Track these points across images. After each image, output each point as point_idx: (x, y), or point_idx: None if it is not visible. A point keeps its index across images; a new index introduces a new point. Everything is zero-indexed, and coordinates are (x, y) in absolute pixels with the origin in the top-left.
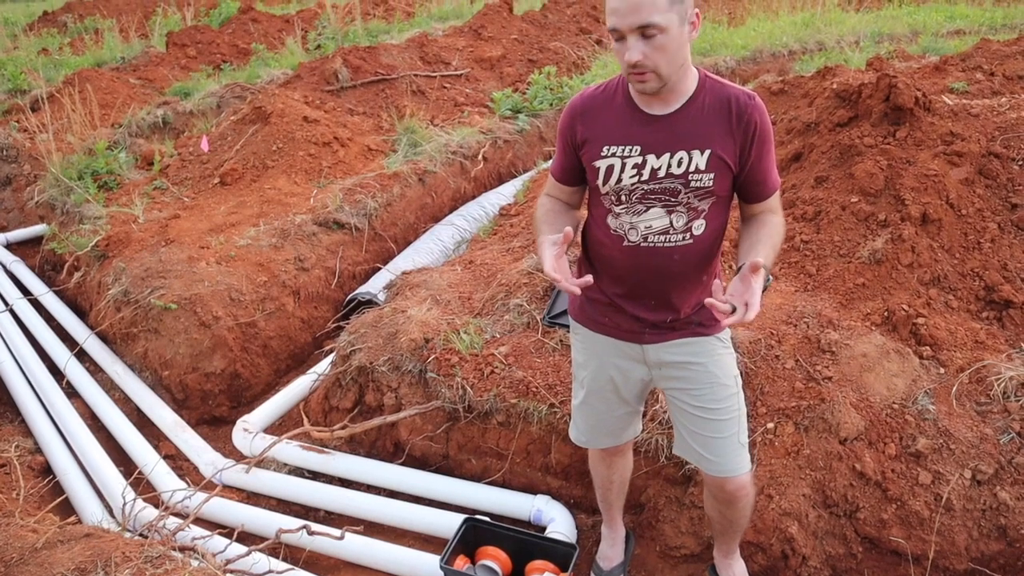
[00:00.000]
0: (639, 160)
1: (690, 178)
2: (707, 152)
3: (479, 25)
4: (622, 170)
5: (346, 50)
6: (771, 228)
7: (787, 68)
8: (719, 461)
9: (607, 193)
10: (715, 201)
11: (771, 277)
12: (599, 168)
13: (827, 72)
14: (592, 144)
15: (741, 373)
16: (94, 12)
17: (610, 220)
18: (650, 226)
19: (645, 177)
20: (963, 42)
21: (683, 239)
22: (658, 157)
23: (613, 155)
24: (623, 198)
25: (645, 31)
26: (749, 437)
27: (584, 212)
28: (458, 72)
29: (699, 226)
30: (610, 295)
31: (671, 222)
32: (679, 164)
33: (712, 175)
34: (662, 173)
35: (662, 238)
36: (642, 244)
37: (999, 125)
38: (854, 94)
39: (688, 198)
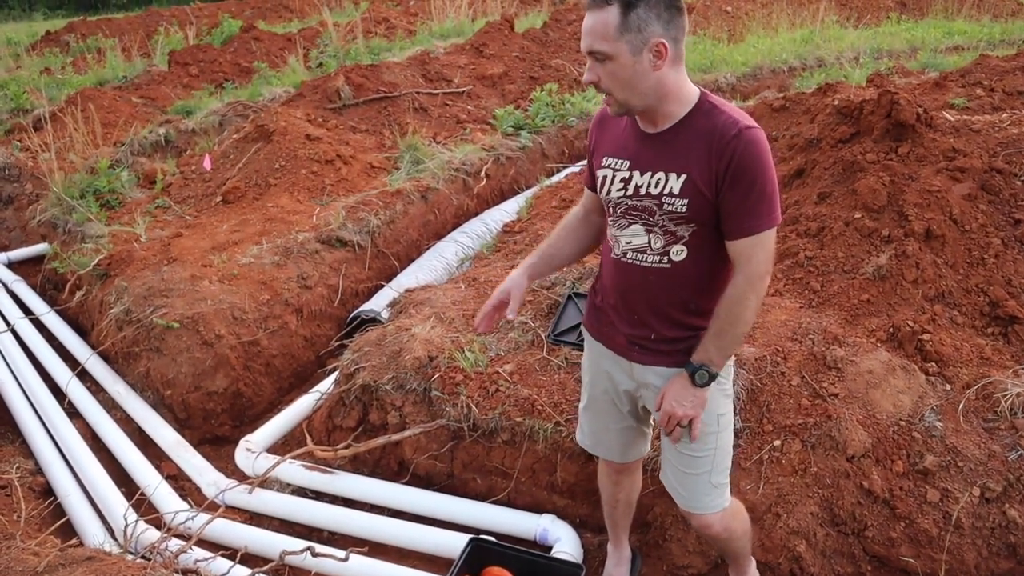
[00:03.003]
0: (627, 175)
1: (664, 200)
2: (683, 177)
3: (480, 43)
4: (611, 182)
5: (348, 68)
6: (724, 306)
7: (787, 84)
8: (687, 496)
9: (604, 202)
10: (697, 230)
11: (708, 373)
12: (598, 177)
13: (828, 88)
14: (597, 153)
15: (741, 396)
16: (96, 32)
17: (608, 229)
18: (630, 242)
19: (629, 192)
20: (962, 58)
21: (660, 261)
22: (642, 175)
23: (608, 166)
24: (611, 209)
25: (595, 56)
26: (757, 455)
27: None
28: (460, 89)
29: (678, 252)
30: (606, 303)
31: (649, 242)
32: (656, 185)
33: (686, 201)
34: (643, 191)
35: (640, 256)
36: (622, 258)
37: (1001, 141)
38: (856, 110)
39: (663, 220)
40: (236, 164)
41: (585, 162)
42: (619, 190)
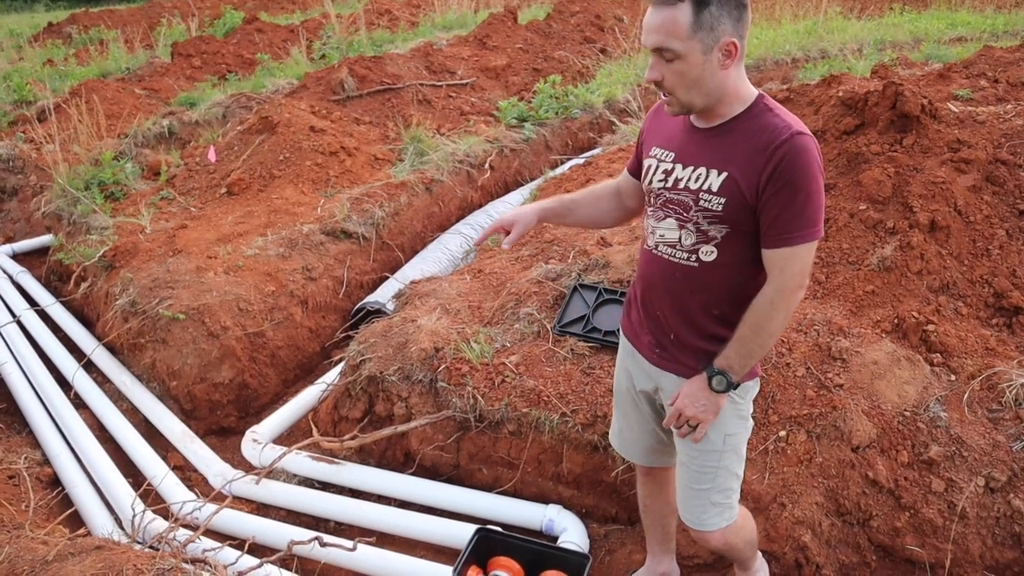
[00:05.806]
0: (669, 166)
1: (700, 196)
2: (723, 175)
3: (484, 34)
4: (655, 172)
5: (352, 60)
6: (750, 314)
7: (791, 76)
8: (684, 509)
9: (645, 192)
10: (730, 232)
11: (726, 380)
12: (643, 166)
13: (832, 80)
14: (647, 143)
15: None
16: (99, 23)
17: (644, 219)
18: (663, 235)
19: (669, 184)
20: (965, 49)
21: (688, 259)
22: (683, 168)
23: (654, 156)
24: (651, 200)
25: (663, 53)
26: (762, 445)
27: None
28: (464, 81)
29: (708, 252)
30: (635, 297)
31: (680, 237)
32: (696, 179)
33: (723, 200)
34: (682, 184)
35: (670, 251)
36: (654, 251)
37: (1005, 132)
38: (860, 102)
39: (697, 217)
40: (240, 156)
41: (591, 153)
42: (660, 181)
